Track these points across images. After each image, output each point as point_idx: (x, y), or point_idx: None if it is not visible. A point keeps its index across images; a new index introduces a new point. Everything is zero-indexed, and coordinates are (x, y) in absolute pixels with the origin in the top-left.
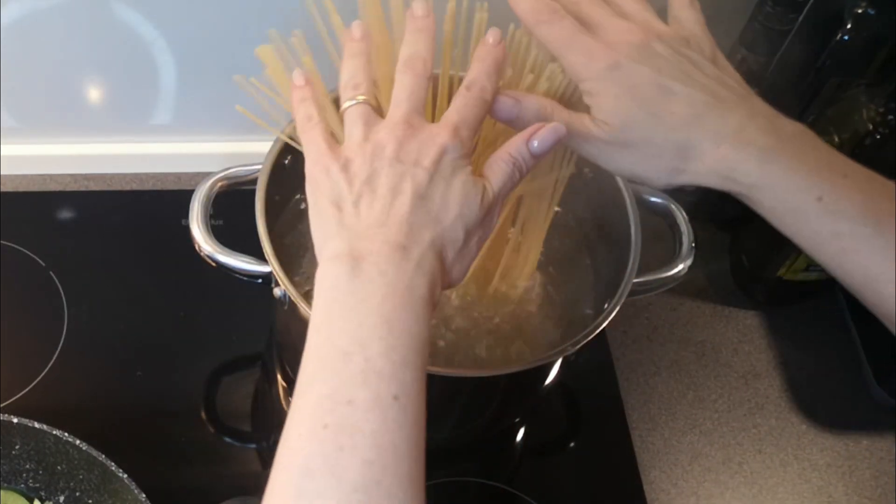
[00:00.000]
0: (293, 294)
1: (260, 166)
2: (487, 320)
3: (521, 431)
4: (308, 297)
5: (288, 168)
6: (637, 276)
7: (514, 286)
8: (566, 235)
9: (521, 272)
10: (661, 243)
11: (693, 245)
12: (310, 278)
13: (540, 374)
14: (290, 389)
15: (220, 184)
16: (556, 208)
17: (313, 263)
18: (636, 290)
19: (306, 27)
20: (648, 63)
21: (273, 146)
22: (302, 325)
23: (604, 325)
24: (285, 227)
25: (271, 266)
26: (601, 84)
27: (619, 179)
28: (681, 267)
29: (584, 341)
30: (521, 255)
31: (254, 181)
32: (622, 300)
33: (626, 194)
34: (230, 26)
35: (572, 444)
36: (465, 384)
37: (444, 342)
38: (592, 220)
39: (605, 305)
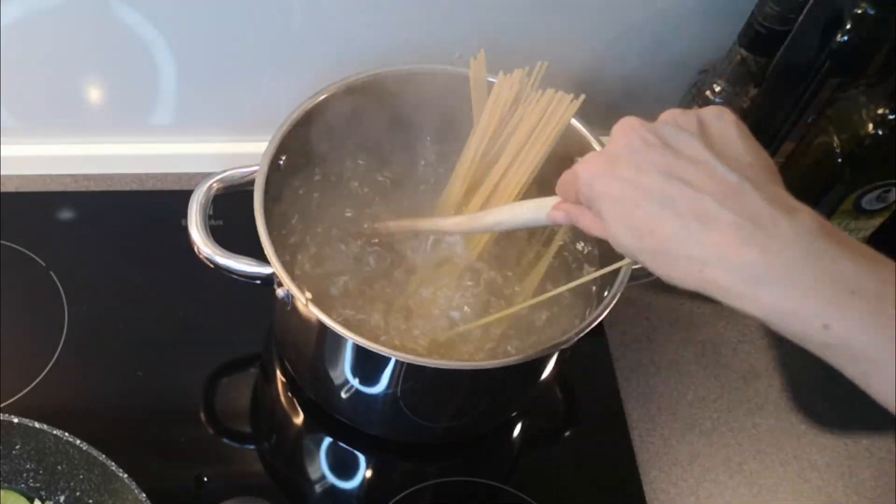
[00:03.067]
0: (296, 294)
1: (256, 168)
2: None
3: (521, 431)
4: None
5: (283, 168)
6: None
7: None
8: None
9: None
10: None
11: None
12: (310, 278)
13: (539, 366)
14: (289, 388)
15: (216, 186)
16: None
17: (313, 264)
18: (631, 276)
19: (306, 27)
20: (628, 161)
21: (268, 146)
22: (302, 324)
23: (604, 314)
24: (286, 227)
25: (274, 267)
26: (594, 206)
27: None
28: None
29: (587, 329)
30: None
31: (250, 182)
32: (622, 287)
33: None
34: (230, 26)
35: (572, 444)
36: (462, 377)
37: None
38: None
39: (605, 293)
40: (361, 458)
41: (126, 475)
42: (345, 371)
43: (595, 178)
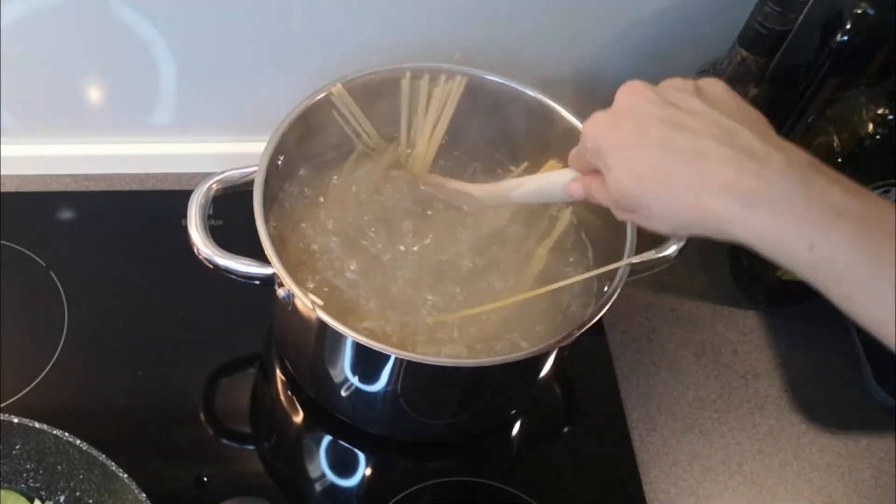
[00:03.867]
0: (298, 294)
1: (255, 168)
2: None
3: (521, 431)
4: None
5: (282, 168)
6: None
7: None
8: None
9: None
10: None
11: None
12: (309, 277)
13: (538, 364)
14: (289, 388)
15: (216, 187)
16: None
17: (313, 262)
18: (630, 272)
19: (306, 27)
20: (630, 114)
21: (266, 147)
22: (303, 324)
23: (603, 311)
24: (286, 225)
25: (275, 267)
26: (598, 158)
27: None
28: (673, 248)
29: (587, 325)
30: None
31: (250, 183)
32: (622, 283)
33: None
34: (230, 26)
35: (571, 444)
36: (462, 374)
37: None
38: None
39: (605, 289)
40: (361, 458)
41: (126, 475)
42: (344, 369)
43: (600, 132)
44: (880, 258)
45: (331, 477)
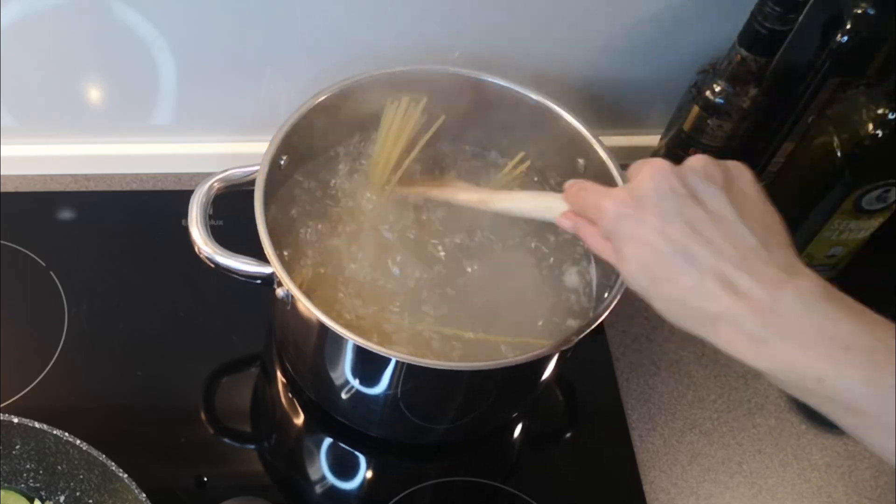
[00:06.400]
0: (296, 294)
1: (257, 167)
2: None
3: (521, 431)
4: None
5: (283, 168)
6: None
7: None
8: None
9: None
10: None
11: None
12: (310, 277)
13: (539, 367)
14: (289, 388)
15: (217, 186)
16: None
17: (312, 263)
18: None
19: (306, 27)
20: (655, 208)
21: (269, 147)
22: (302, 324)
23: (604, 315)
24: (286, 226)
25: (273, 267)
26: (614, 241)
27: (613, 170)
28: None
29: (587, 331)
30: None
31: (251, 182)
32: (622, 289)
33: (619, 184)
34: (230, 26)
35: (571, 444)
36: (460, 378)
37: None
38: None
39: (606, 295)
40: (361, 458)
41: (126, 475)
42: (345, 372)
43: (622, 218)
44: (889, 393)
45: (330, 477)
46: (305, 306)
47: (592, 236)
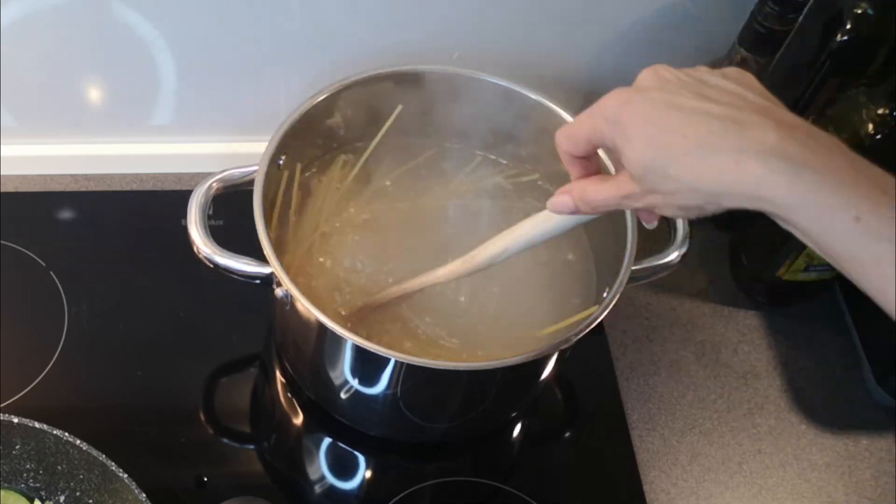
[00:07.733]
0: (296, 294)
1: (256, 167)
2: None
3: (521, 431)
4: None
5: (283, 168)
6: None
7: None
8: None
9: None
10: (657, 233)
11: (689, 233)
12: (309, 278)
13: (539, 366)
14: (289, 388)
15: (216, 186)
16: None
17: (311, 263)
18: (631, 278)
19: (306, 26)
20: (659, 88)
21: (268, 147)
22: (302, 324)
23: (603, 314)
24: (285, 225)
25: (273, 267)
26: (618, 129)
27: (613, 170)
28: (675, 255)
29: (586, 331)
30: None
31: (250, 182)
32: (621, 289)
33: None
34: (230, 26)
35: (571, 444)
36: (459, 378)
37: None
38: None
39: (605, 294)
40: (361, 458)
41: (126, 475)
42: (344, 371)
43: (625, 104)
44: None
45: (330, 477)
46: (305, 306)
47: (596, 186)
